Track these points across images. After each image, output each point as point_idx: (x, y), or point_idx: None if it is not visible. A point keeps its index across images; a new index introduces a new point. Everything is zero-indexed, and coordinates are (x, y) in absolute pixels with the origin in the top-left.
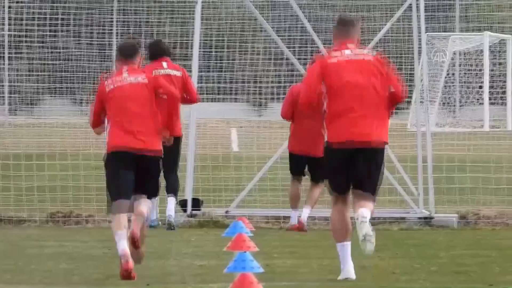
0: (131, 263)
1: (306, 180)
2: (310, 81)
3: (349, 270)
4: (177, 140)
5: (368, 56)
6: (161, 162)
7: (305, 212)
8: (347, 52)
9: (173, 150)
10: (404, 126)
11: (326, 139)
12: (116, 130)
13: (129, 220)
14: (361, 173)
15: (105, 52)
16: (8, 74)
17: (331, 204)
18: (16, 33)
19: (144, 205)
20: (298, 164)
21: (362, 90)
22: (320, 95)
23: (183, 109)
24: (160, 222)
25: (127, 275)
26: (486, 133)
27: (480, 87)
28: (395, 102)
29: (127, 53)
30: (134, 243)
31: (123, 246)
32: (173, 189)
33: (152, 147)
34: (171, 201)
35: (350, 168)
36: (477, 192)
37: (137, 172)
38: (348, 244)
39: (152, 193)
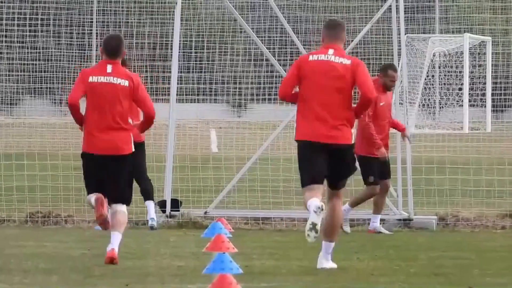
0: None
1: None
2: (287, 78)
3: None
4: (141, 145)
5: (346, 61)
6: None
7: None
8: (323, 56)
9: (138, 155)
10: None
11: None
12: (88, 130)
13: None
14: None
15: (84, 53)
16: None
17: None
18: None
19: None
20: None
21: (328, 93)
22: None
23: (163, 109)
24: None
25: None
26: (465, 135)
27: (460, 89)
28: (365, 103)
29: (112, 52)
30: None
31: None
32: (148, 193)
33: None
34: (150, 205)
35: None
36: (456, 194)
37: (106, 174)
38: None
39: (123, 198)
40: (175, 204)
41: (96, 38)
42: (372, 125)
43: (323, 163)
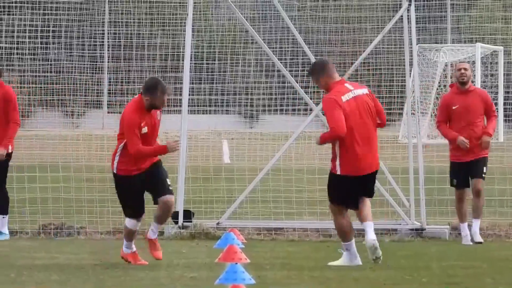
0: None
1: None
2: (339, 115)
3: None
4: (9, 155)
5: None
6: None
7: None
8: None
9: (1, 165)
10: (395, 138)
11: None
12: None
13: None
14: None
15: (96, 64)
16: None
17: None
18: (7, 45)
19: None
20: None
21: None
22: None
23: (175, 121)
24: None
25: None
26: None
27: None
28: (380, 127)
29: None
30: None
31: None
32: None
33: None
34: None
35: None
36: (468, 204)
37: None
38: None
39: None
40: (188, 215)
41: (108, 50)
42: (441, 126)
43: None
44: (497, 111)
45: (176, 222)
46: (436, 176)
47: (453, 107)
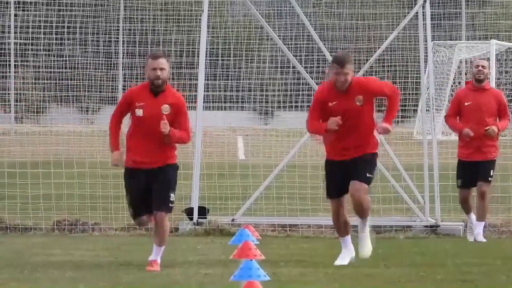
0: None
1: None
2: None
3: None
4: None
5: None
6: None
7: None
8: None
9: None
10: (410, 135)
11: None
12: None
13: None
14: None
15: (111, 60)
16: (14, 82)
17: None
18: (22, 41)
19: None
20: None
21: None
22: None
23: (190, 117)
24: None
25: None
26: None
27: None
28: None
29: None
30: None
31: None
32: None
33: None
34: None
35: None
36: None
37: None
38: None
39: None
40: (202, 211)
41: (123, 46)
42: (449, 119)
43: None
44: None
45: (191, 219)
46: (451, 173)
47: (466, 103)
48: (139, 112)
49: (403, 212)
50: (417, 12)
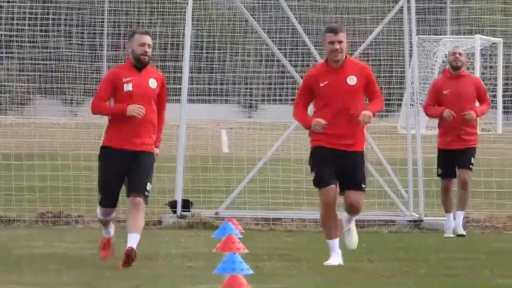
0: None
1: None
2: None
3: None
4: None
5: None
6: None
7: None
8: None
9: None
10: (394, 129)
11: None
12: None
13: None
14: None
15: (96, 53)
16: None
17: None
18: (6, 32)
19: None
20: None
21: None
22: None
23: (173, 110)
24: None
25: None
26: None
27: None
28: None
29: None
30: None
31: None
32: None
33: None
34: None
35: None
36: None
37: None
38: None
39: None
40: (186, 204)
41: (107, 38)
42: (427, 108)
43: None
44: (496, 103)
45: (175, 212)
46: (434, 167)
47: (444, 92)
48: (128, 87)
49: (386, 206)
50: (402, 6)
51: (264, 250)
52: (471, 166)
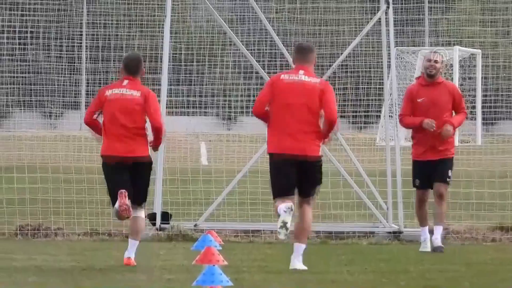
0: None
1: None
2: (260, 97)
3: None
4: None
5: (314, 80)
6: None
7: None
8: (294, 76)
9: None
10: (373, 141)
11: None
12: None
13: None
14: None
15: (74, 65)
16: None
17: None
18: None
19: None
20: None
21: (298, 109)
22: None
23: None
24: None
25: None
26: (455, 147)
27: None
28: (328, 124)
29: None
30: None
31: None
32: None
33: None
34: None
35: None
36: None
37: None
38: None
39: (143, 198)
40: (165, 216)
41: (86, 51)
42: (403, 118)
43: (293, 175)
44: (475, 114)
45: (154, 224)
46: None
47: (418, 100)
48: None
49: (366, 218)
50: (380, 18)
51: (243, 262)
52: (448, 180)
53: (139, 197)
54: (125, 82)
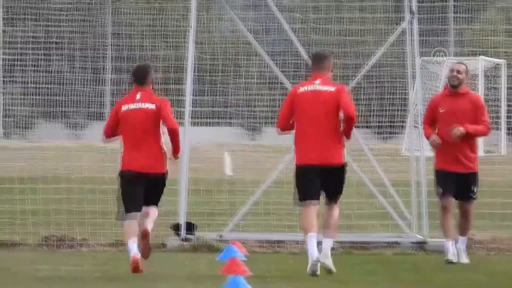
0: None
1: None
2: (283, 112)
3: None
4: None
5: (331, 88)
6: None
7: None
8: (310, 87)
9: None
10: (398, 151)
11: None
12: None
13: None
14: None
15: (99, 76)
16: (2, 98)
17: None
18: (9, 57)
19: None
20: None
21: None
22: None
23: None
24: None
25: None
26: (480, 158)
27: None
28: (348, 122)
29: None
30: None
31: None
32: None
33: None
34: None
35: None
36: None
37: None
38: None
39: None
40: (190, 227)
41: (111, 62)
42: (424, 128)
43: (318, 179)
44: (500, 124)
45: (179, 234)
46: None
47: (440, 110)
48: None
49: (390, 228)
50: (405, 28)
51: (268, 272)
52: (473, 196)
53: (151, 203)
54: (138, 95)
